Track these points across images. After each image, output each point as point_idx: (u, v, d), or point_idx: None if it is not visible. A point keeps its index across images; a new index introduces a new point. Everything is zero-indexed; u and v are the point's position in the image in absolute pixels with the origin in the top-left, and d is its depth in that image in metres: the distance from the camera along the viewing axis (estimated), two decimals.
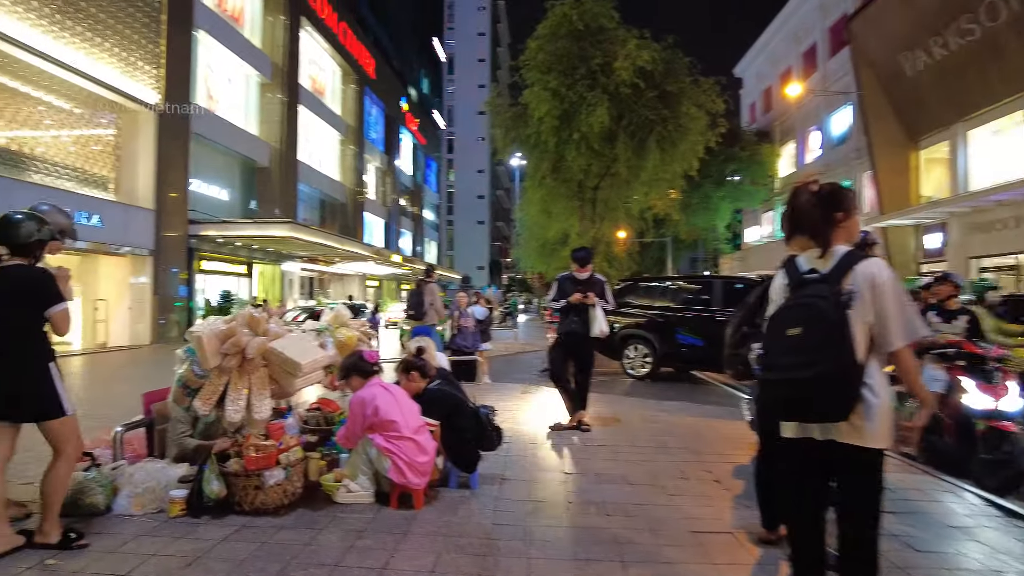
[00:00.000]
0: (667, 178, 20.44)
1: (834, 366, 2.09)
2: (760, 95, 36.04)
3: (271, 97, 27.05)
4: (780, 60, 32.78)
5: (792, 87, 24.70)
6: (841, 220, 2.32)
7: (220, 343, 3.28)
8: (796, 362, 2.14)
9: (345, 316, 4.50)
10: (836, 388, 2.11)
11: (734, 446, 5.53)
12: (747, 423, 5.31)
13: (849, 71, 23.50)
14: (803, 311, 2.21)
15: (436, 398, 3.86)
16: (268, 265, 26.86)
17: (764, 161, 31.82)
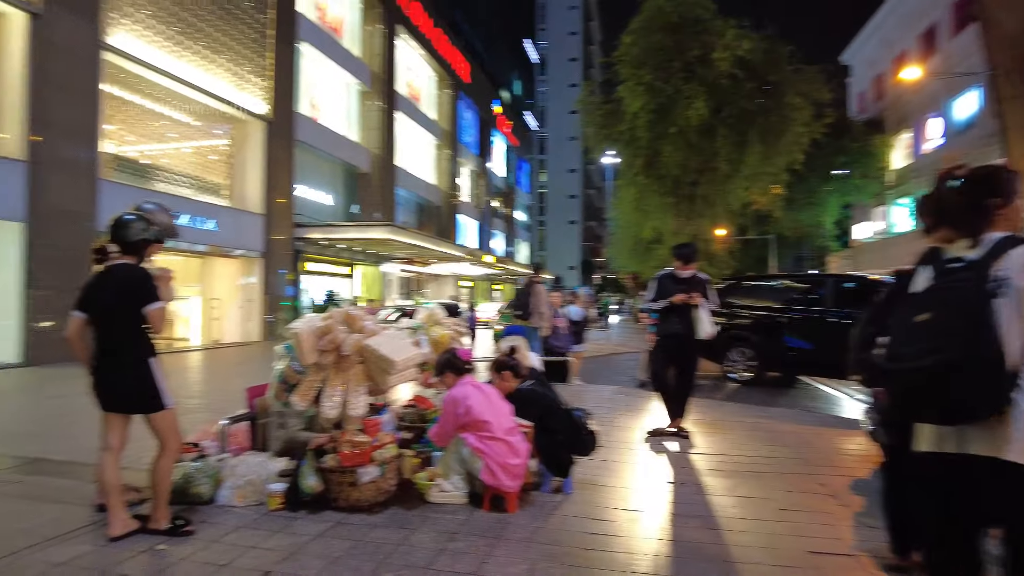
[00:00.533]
0: (770, 172, 19.47)
1: (962, 354, 1.75)
2: (871, 83, 33.65)
3: (370, 104, 28.05)
4: (894, 44, 30.42)
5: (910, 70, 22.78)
6: (998, 207, 1.97)
7: (317, 340, 3.33)
8: (919, 349, 1.83)
9: (439, 314, 4.48)
10: (964, 381, 1.77)
11: (851, 458, 5.07)
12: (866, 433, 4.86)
13: (974, 52, 21.37)
14: (936, 295, 1.90)
15: (529, 399, 3.74)
16: (368, 266, 27.86)
17: (875, 152, 29.65)
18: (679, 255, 5.69)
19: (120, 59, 15.14)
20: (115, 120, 15.98)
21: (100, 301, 3.13)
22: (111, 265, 3.17)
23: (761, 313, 10.06)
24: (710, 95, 17.73)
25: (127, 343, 3.12)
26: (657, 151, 18.71)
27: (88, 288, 3.19)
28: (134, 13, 15.42)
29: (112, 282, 3.13)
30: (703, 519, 3.68)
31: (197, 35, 17.33)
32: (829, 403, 8.77)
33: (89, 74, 14.14)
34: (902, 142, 30.28)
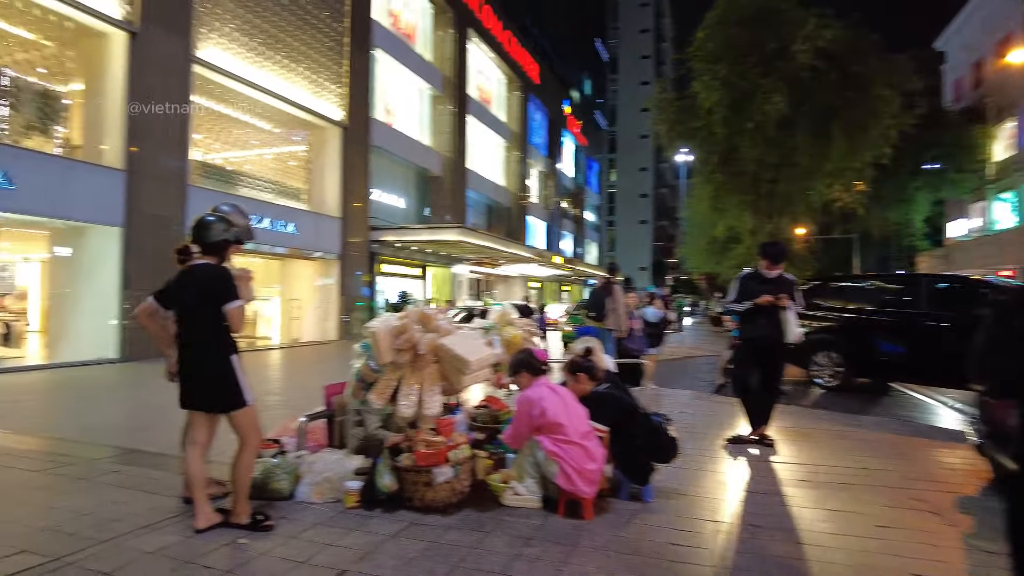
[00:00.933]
0: (855, 167, 18.51)
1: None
2: (968, 69, 31.35)
3: (442, 109, 28.48)
4: (997, 26, 28.19)
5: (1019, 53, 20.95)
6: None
7: (394, 339, 3.33)
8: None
9: (511, 315, 4.42)
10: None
11: (954, 473, 4.67)
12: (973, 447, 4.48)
13: None
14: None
15: (605, 402, 3.61)
16: (440, 268, 28.28)
17: (973, 144, 27.56)
18: (767, 254, 5.38)
19: (208, 71, 15.93)
20: (202, 129, 16.85)
21: (181, 299, 3.25)
22: (193, 265, 3.27)
23: (850, 315, 9.50)
24: (789, 89, 17.02)
25: (208, 341, 3.20)
26: (734, 147, 18.12)
27: (170, 285, 3.32)
28: (221, 27, 16.20)
29: (193, 281, 3.23)
30: (789, 532, 3.46)
31: (278, 45, 18.04)
32: (925, 412, 8.17)
33: (181, 87, 14.93)
34: (1004, 132, 28.05)
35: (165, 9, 14.39)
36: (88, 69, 14.06)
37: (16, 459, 4.79)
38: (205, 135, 16.97)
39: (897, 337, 8.78)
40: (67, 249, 13.71)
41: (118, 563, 2.91)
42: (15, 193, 11.53)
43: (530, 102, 38.73)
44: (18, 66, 12.77)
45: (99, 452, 5.02)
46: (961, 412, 7.56)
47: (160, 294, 3.30)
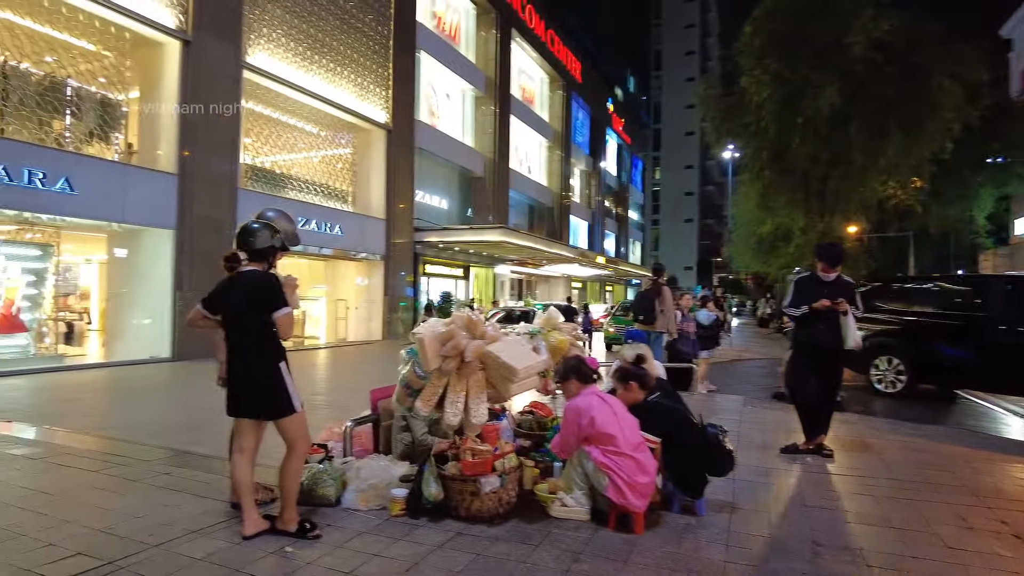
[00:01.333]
0: (911, 163, 17.74)
1: None
2: None
3: (485, 110, 28.53)
4: None
5: None
6: None
7: (440, 345, 3.26)
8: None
9: (557, 319, 4.31)
10: None
11: None
12: None
13: None
14: None
15: (657, 412, 3.47)
16: (482, 268, 28.34)
17: None
18: (825, 256, 5.11)
19: (257, 76, 16.29)
20: (251, 133, 17.22)
21: (229, 306, 3.23)
22: (240, 271, 3.27)
23: (912, 319, 9.06)
24: (842, 82, 16.42)
25: (256, 347, 3.18)
26: (784, 144, 17.56)
27: (218, 292, 3.30)
28: (269, 33, 16.54)
29: (240, 288, 3.21)
30: (856, 553, 3.25)
31: (324, 50, 18.32)
32: (995, 422, 7.73)
33: (231, 92, 15.29)
34: None
35: (216, 17, 14.75)
36: (144, 77, 14.52)
37: (75, 458, 4.92)
38: (254, 139, 17.35)
39: (965, 342, 8.32)
40: (124, 251, 14.20)
41: (168, 569, 2.92)
42: (76, 198, 11.98)
43: (573, 101, 38.49)
44: (80, 76, 13.27)
45: (151, 453, 5.13)
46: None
47: (207, 300, 3.31)
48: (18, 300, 12.43)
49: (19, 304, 12.48)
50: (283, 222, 3.55)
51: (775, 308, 29.21)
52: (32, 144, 11.92)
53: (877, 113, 16.62)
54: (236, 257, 3.29)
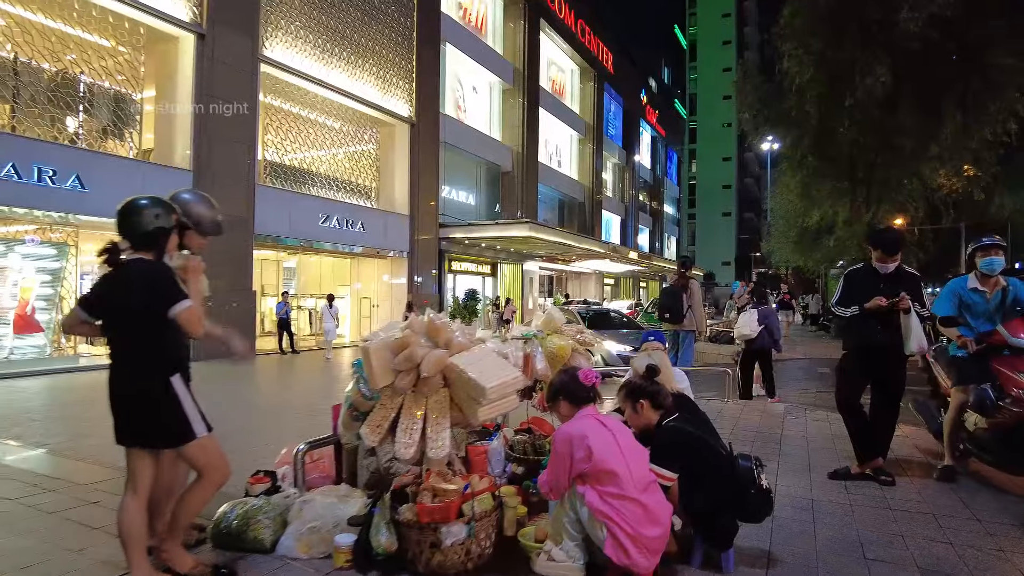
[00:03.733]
0: (971, 148, 16.52)
1: None
2: None
3: (513, 103, 27.84)
4: None
5: None
6: None
7: (392, 356, 2.60)
8: None
9: (559, 321, 3.61)
10: None
11: None
12: None
13: None
14: None
15: (674, 439, 2.76)
16: (511, 265, 27.70)
17: None
18: (881, 242, 4.28)
19: (275, 70, 15.93)
20: (271, 128, 16.90)
21: (110, 306, 2.57)
22: (124, 263, 2.60)
23: None
24: (894, 61, 15.31)
25: (141, 358, 2.52)
26: (828, 129, 16.52)
27: (97, 290, 2.63)
28: (287, 26, 16.16)
29: (123, 284, 2.54)
30: None
31: (344, 42, 17.89)
32: None
33: (249, 86, 14.95)
34: None
35: (231, 10, 14.41)
36: (159, 72, 14.28)
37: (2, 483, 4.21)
38: (273, 134, 17.03)
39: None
40: None
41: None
42: (88, 196, 11.72)
43: (605, 92, 37.49)
44: (93, 72, 13.05)
45: (91, 474, 4.44)
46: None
47: (84, 301, 2.62)
48: (32, 300, 12.27)
49: (34, 304, 12.32)
50: (199, 206, 2.94)
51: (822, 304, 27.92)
52: (42, 141, 11.71)
53: (931, 94, 15.47)
54: (115, 248, 2.57)
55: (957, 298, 4.35)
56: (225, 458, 2.65)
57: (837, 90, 15.65)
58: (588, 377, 2.70)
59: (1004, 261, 4.27)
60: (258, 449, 3.51)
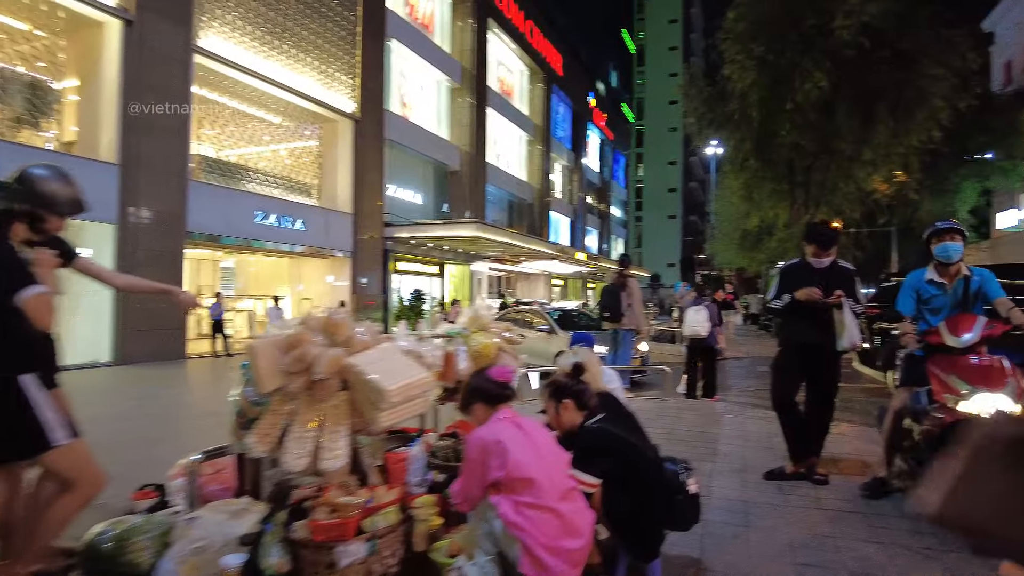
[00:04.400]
0: (900, 152, 17.09)
1: None
2: (1021, 50, 29.48)
3: (461, 101, 27.55)
4: None
5: None
6: None
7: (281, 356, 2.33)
8: None
9: (485, 318, 3.40)
10: None
11: None
12: None
13: None
14: None
15: (597, 442, 2.57)
16: (458, 265, 27.40)
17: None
18: (816, 237, 4.21)
19: (210, 61, 15.26)
20: (206, 122, 16.19)
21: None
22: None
23: None
24: (831, 68, 15.71)
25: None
26: (769, 133, 16.85)
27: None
28: (223, 15, 15.51)
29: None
30: None
31: (284, 35, 17.30)
32: None
33: (181, 77, 14.27)
34: None
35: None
36: (82, 60, 13.48)
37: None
38: (209, 128, 16.32)
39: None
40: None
41: None
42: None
43: (554, 94, 37.60)
44: (5, 56, 12.19)
45: None
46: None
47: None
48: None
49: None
50: (52, 182, 2.61)
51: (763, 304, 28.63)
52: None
53: (866, 100, 15.95)
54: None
55: (916, 292, 3.90)
56: (96, 468, 2.34)
57: (778, 94, 15.97)
58: (502, 374, 2.49)
59: (963, 247, 3.75)
60: (165, 459, 3.18)
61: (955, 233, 3.74)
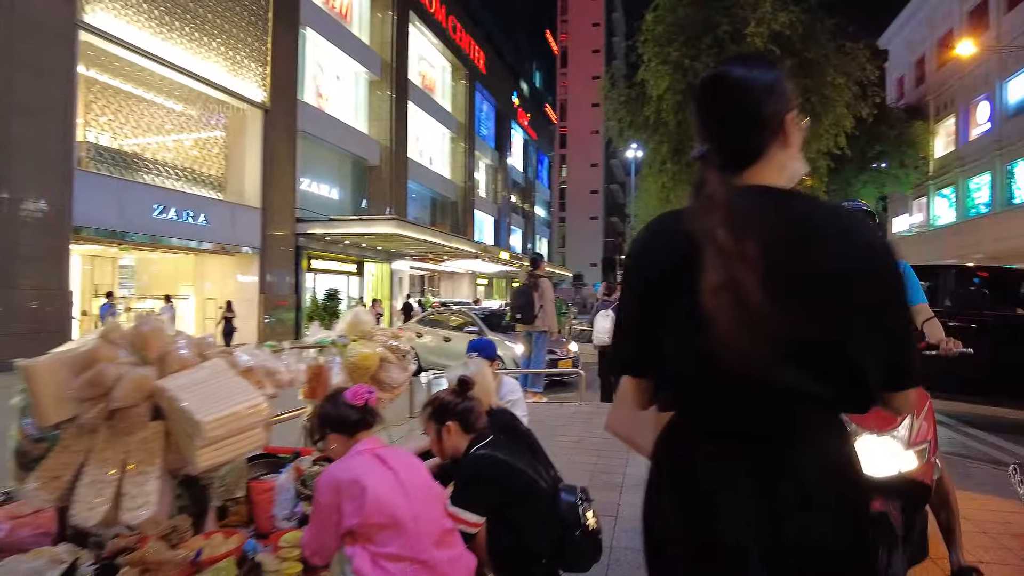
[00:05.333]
0: (809, 158, 17.75)
1: None
2: (911, 67, 31.68)
3: (380, 95, 26.70)
4: (939, 23, 28.40)
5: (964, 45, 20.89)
6: None
7: (72, 378, 1.84)
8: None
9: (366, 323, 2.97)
10: None
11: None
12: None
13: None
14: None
15: (481, 474, 2.21)
16: (378, 264, 26.59)
17: (915, 141, 27.85)
18: None
19: (100, 40, 14.01)
20: (96, 106, 14.85)
21: None
22: None
23: None
24: None
25: None
26: (686, 136, 17.11)
27: None
28: None
29: None
30: None
31: (187, 17, 16.13)
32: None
33: (64, 55, 13.00)
34: (945, 129, 28.42)
35: None
36: None
37: None
38: (98, 113, 14.96)
39: None
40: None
41: None
42: None
43: (477, 92, 37.20)
44: None
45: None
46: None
47: None
48: None
49: None
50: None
51: None
52: None
53: None
54: None
55: None
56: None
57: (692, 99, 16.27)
58: (357, 395, 2.09)
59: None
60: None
61: (864, 215, 2.88)
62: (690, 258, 1.11)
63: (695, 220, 1.16)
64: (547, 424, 6.04)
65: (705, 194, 1.17)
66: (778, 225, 1.13)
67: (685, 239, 1.15)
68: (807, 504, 1.08)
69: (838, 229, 1.14)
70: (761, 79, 1.26)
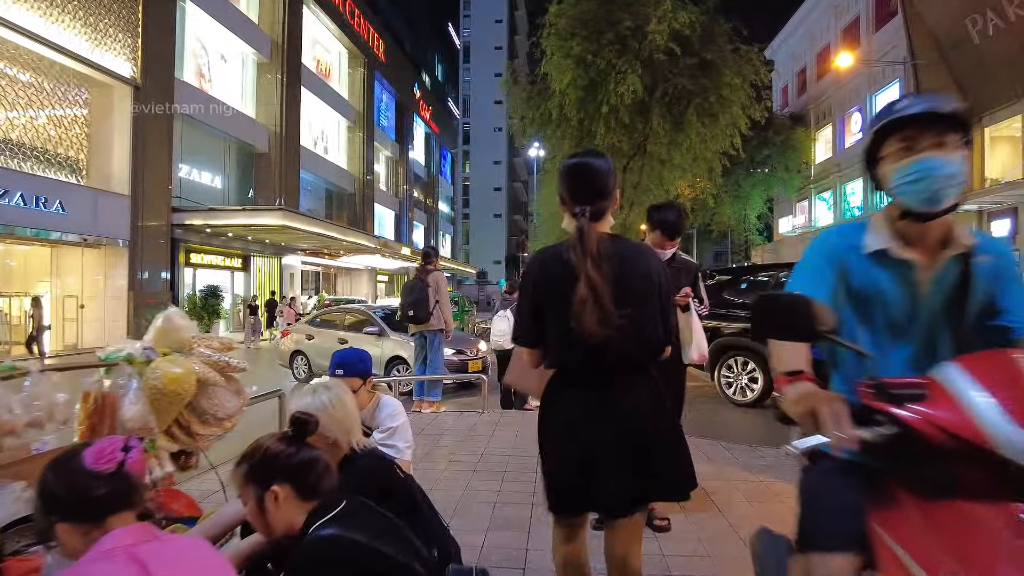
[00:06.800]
0: (706, 157, 18.21)
1: None
2: (794, 77, 33.69)
3: (271, 78, 25.00)
4: (817, 37, 30.39)
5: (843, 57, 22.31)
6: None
7: None
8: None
9: (182, 329, 2.21)
10: None
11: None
12: None
13: (897, 43, 21.30)
14: None
15: (322, 568, 1.47)
16: (267, 258, 24.90)
17: (798, 147, 29.71)
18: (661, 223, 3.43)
19: None
20: None
21: None
22: None
23: None
24: (645, 71, 16.17)
25: None
26: (588, 132, 17.02)
27: None
28: None
29: None
30: None
31: None
32: None
33: None
34: (823, 137, 30.42)
35: None
36: None
37: None
38: None
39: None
40: None
41: None
42: None
43: (376, 82, 35.85)
44: None
45: None
46: None
47: None
48: None
49: None
50: None
51: None
52: None
53: (677, 104, 16.65)
54: None
55: (838, 276, 3.19)
56: None
57: (594, 95, 16.13)
58: (104, 455, 1.33)
59: (963, 168, 3.02)
60: None
61: (945, 132, 1.56)
62: (566, 277, 1.86)
63: (574, 254, 1.88)
64: (444, 441, 5.46)
65: (587, 238, 1.88)
66: (617, 259, 1.90)
67: (563, 264, 1.89)
68: (637, 407, 1.92)
69: (643, 257, 1.99)
70: (608, 167, 2.07)
